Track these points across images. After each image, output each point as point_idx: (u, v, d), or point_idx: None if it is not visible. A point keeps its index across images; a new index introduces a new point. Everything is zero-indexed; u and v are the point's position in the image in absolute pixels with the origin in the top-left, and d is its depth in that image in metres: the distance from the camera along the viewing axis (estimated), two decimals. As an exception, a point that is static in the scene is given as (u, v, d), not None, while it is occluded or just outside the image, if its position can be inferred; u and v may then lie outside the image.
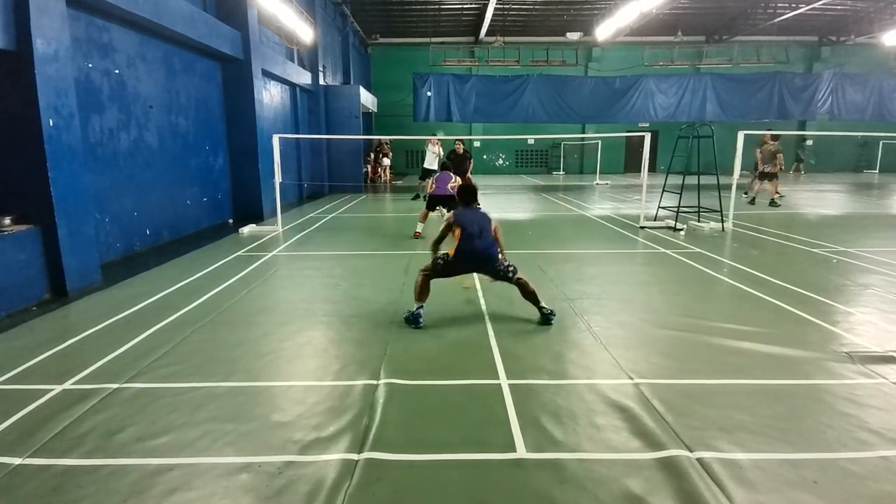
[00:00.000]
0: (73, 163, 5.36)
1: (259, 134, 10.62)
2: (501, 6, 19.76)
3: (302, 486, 2.33)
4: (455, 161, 11.25)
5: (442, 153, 13.11)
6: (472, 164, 11.95)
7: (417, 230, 8.64)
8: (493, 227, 4.61)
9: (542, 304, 4.56)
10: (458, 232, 4.50)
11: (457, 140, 12.07)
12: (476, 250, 4.46)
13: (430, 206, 8.85)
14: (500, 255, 4.60)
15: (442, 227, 4.73)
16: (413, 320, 4.41)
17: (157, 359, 3.71)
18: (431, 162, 13.13)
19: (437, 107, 17.46)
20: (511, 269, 4.57)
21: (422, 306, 4.48)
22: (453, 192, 8.47)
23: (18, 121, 4.97)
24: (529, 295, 4.56)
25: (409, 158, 26.58)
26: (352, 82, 19.39)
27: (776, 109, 18.25)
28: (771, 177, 12.15)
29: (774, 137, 12.12)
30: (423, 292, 4.51)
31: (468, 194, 4.89)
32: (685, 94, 18.08)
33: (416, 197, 14.12)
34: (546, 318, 4.50)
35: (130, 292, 5.39)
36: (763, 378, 3.39)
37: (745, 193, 12.97)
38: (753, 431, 2.75)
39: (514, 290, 4.67)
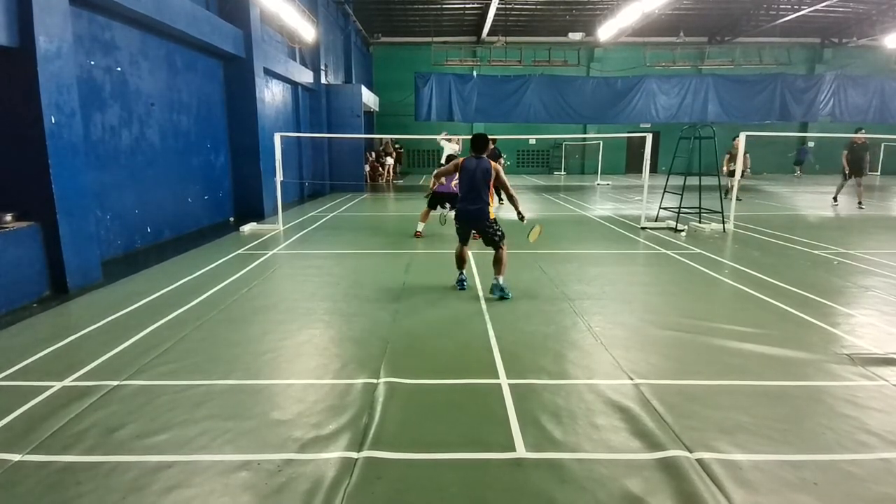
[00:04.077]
0: (74, 160, 5.36)
1: (260, 132, 10.63)
2: (503, 6, 19.74)
3: (301, 485, 2.33)
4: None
5: (460, 146, 12.45)
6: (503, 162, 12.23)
7: (418, 229, 8.54)
8: (490, 180, 5.10)
9: (500, 279, 5.06)
10: (449, 170, 5.41)
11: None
12: (464, 210, 5.18)
13: (432, 205, 8.53)
14: (490, 216, 5.15)
15: (450, 163, 5.47)
16: (458, 284, 5.35)
17: (157, 356, 3.71)
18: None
19: (439, 106, 17.44)
20: (499, 235, 5.12)
21: (462, 272, 5.39)
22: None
23: (20, 118, 4.97)
24: (496, 262, 5.10)
25: (411, 158, 26.59)
26: (353, 81, 19.39)
27: (778, 111, 18.24)
28: (733, 174, 12.88)
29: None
30: (459, 261, 5.41)
31: (477, 143, 5.18)
32: (687, 95, 18.07)
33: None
34: (493, 290, 5.07)
35: (131, 290, 5.39)
36: (763, 379, 3.39)
37: (861, 203, 12.47)
38: (753, 432, 2.75)
39: (515, 291, 4.78)
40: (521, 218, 5.24)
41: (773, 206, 13.08)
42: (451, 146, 12.44)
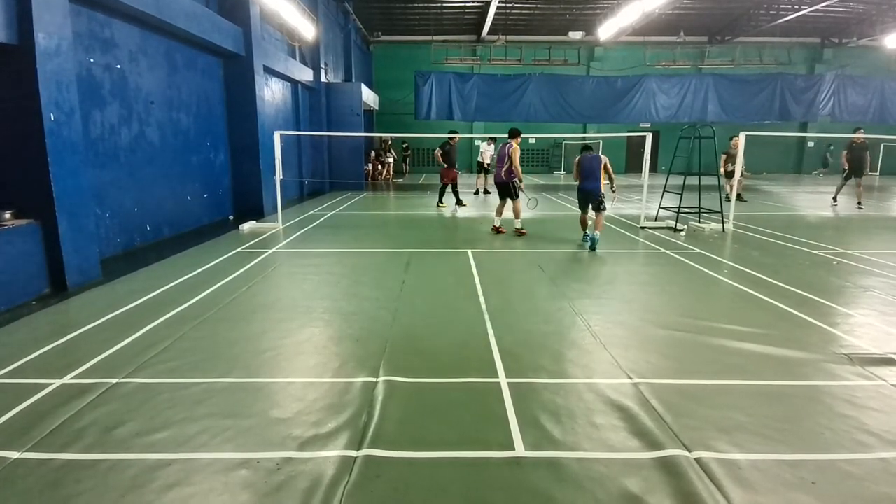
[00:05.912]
0: (73, 158, 5.35)
1: (260, 130, 10.62)
2: (504, 5, 19.73)
3: (300, 483, 2.33)
4: (448, 153, 12.11)
5: (493, 150, 13.98)
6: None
7: (517, 226, 8.52)
8: (601, 166, 7.34)
9: (597, 233, 7.27)
10: (576, 171, 7.71)
11: (451, 134, 12.22)
12: (583, 188, 7.58)
13: (509, 195, 8.59)
14: (602, 192, 7.40)
15: (575, 167, 7.79)
16: (585, 240, 7.41)
17: (156, 354, 3.71)
18: (484, 157, 14.89)
19: (439, 105, 17.44)
20: (603, 205, 7.53)
21: (584, 232, 7.59)
22: (506, 180, 8.41)
23: (20, 115, 4.96)
24: (596, 221, 7.48)
25: (413, 156, 26.53)
26: (353, 80, 19.37)
27: (778, 111, 18.25)
28: (731, 175, 12.81)
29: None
30: (583, 224, 7.82)
31: (586, 147, 7.69)
32: (687, 95, 18.08)
33: (477, 193, 15.27)
34: (591, 241, 7.23)
35: (130, 288, 5.39)
36: (762, 379, 3.39)
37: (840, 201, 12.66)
38: (752, 432, 2.76)
39: (514, 290, 4.85)
40: (613, 191, 7.71)
41: (773, 206, 13.08)
42: (487, 147, 14.82)
